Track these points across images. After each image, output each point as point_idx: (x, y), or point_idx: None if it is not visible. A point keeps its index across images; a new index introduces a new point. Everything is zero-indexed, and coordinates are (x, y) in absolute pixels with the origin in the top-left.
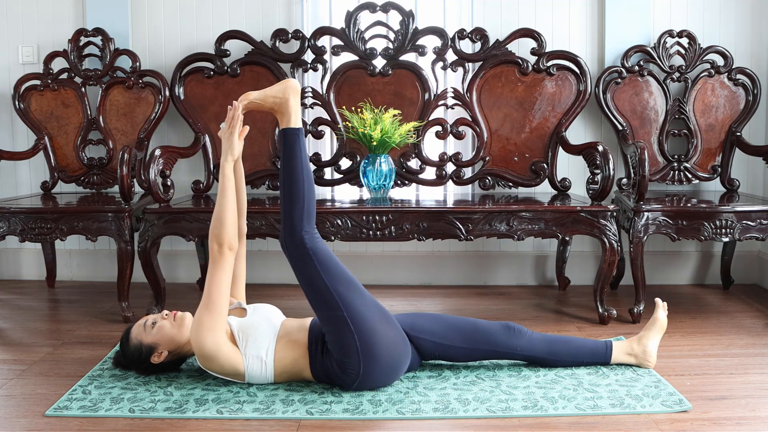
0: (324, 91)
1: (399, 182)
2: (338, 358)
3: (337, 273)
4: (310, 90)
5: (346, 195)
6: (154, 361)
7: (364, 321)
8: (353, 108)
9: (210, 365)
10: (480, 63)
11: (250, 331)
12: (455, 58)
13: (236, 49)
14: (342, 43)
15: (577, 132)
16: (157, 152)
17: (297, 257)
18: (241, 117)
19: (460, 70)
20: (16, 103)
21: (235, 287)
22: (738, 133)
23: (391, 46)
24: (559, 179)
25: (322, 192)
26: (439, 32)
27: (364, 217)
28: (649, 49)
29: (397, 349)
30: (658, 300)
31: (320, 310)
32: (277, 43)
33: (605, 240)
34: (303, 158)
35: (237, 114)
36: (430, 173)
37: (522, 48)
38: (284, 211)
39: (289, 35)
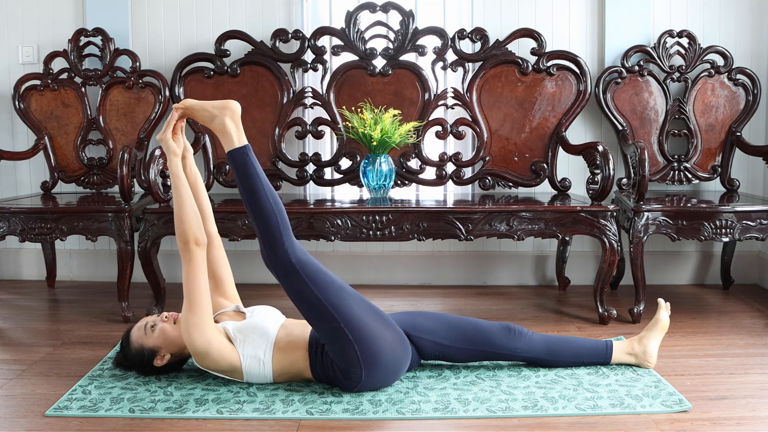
0: (324, 91)
1: (399, 182)
2: (341, 366)
3: (327, 283)
4: (310, 90)
5: (346, 195)
6: (157, 364)
7: (362, 328)
8: (353, 108)
9: (205, 362)
10: (480, 63)
11: (247, 332)
12: (455, 58)
13: (236, 49)
14: (342, 43)
15: (577, 132)
16: (157, 152)
17: (284, 274)
18: (175, 117)
19: (460, 70)
20: (16, 103)
21: (224, 291)
22: (738, 133)
23: (391, 46)
24: (559, 179)
25: (322, 192)
26: (439, 32)
27: (364, 217)
28: (649, 49)
29: (397, 351)
30: (660, 300)
31: (316, 323)
32: (277, 43)
33: (605, 240)
34: (258, 173)
35: (173, 116)
36: (430, 173)
37: (522, 48)
38: (259, 230)
39: (289, 35)
